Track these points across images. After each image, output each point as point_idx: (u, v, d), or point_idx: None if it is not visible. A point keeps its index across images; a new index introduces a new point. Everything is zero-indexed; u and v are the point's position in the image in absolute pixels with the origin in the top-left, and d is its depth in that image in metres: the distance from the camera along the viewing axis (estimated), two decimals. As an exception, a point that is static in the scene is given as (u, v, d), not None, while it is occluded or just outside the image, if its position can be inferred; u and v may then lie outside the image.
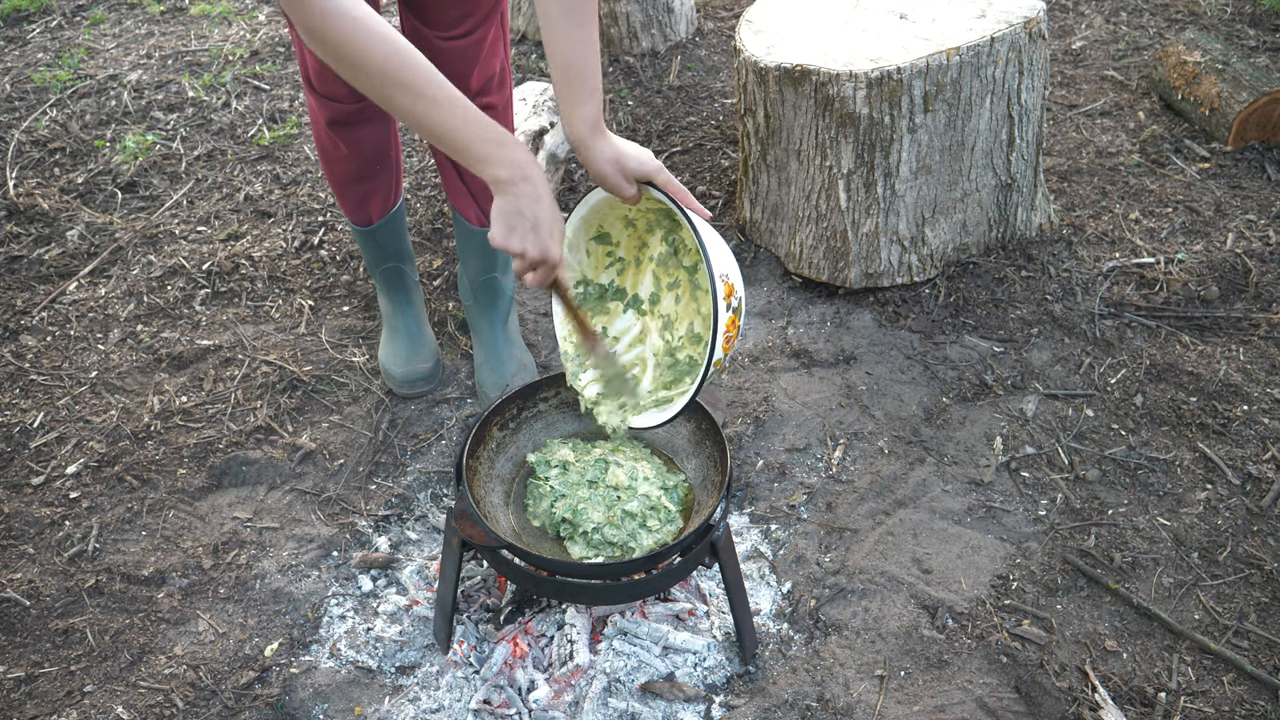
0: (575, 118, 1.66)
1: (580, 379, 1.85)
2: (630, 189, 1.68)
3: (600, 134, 1.66)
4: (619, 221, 1.85)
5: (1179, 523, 2.12)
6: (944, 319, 2.63)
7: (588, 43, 1.64)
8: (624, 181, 1.67)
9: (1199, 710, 1.80)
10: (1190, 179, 3.08)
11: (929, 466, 2.26)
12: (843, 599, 1.99)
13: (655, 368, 1.85)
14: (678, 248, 1.83)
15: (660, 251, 1.85)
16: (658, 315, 1.86)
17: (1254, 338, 2.55)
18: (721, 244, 1.67)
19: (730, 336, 1.63)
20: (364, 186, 2.33)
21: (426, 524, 2.19)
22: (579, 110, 1.65)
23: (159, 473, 2.27)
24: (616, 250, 1.88)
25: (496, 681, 1.82)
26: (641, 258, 1.87)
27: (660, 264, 1.85)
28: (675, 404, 1.74)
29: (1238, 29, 3.80)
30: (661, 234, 1.83)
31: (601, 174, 1.68)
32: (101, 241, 2.99)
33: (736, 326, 1.64)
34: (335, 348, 2.59)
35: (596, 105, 1.66)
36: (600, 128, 1.66)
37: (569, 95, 1.66)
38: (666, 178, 1.66)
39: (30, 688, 1.87)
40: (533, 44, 3.98)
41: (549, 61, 1.68)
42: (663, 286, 1.86)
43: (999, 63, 2.49)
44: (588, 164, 1.68)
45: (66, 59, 3.94)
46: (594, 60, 1.65)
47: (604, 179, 1.68)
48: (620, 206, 1.81)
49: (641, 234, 1.86)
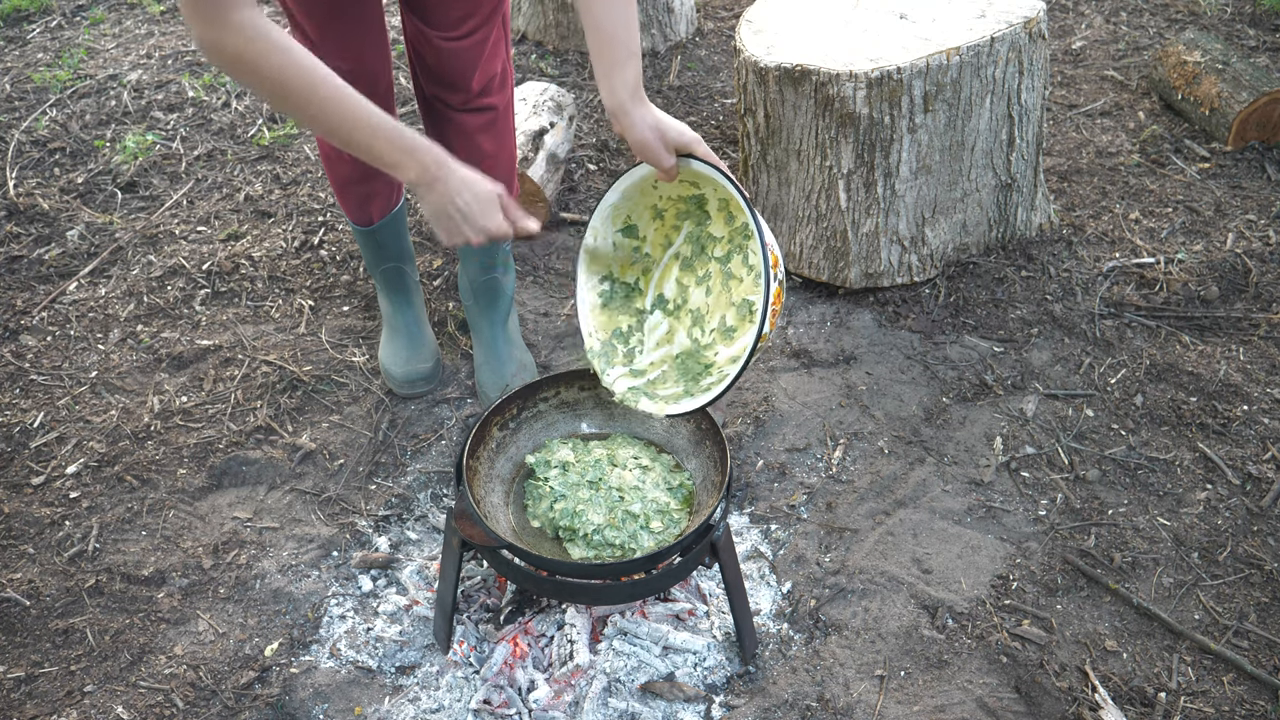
0: (614, 83, 1.61)
1: (608, 375, 1.82)
2: (670, 159, 1.65)
3: (640, 100, 1.62)
4: (647, 212, 1.82)
5: (1179, 523, 2.12)
6: (944, 319, 2.63)
7: (625, 5, 1.61)
8: (664, 151, 1.64)
9: (1199, 710, 1.80)
10: (1190, 179, 3.08)
11: (929, 466, 2.26)
12: (843, 599, 1.99)
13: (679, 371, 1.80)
14: (705, 244, 1.79)
15: (686, 253, 1.82)
16: (686, 313, 1.83)
17: (1254, 338, 2.55)
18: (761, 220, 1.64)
19: (776, 310, 1.59)
20: (366, 187, 2.33)
21: (426, 524, 2.19)
22: (617, 75, 1.61)
23: (159, 473, 2.28)
24: (643, 246, 1.85)
25: (496, 681, 1.82)
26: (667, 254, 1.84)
27: (685, 267, 1.82)
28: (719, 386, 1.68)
29: (1238, 29, 3.80)
30: (689, 228, 1.80)
31: (642, 141, 1.63)
32: (101, 241, 2.99)
33: (781, 301, 1.60)
34: (335, 348, 2.59)
35: (636, 70, 1.62)
36: (640, 94, 1.62)
37: (607, 60, 1.62)
38: (706, 150, 1.63)
39: (30, 688, 1.87)
40: (533, 44, 3.98)
41: (585, 29, 1.64)
42: (691, 281, 1.83)
43: (999, 63, 2.49)
44: (627, 131, 1.63)
45: (66, 59, 3.94)
46: (632, 24, 1.61)
47: (644, 147, 1.64)
48: (650, 195, 1.78)
49: (669, 228, 1.82)
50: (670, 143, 1.64)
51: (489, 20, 2.10)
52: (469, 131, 2.23)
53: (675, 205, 1.80)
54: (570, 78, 3.75)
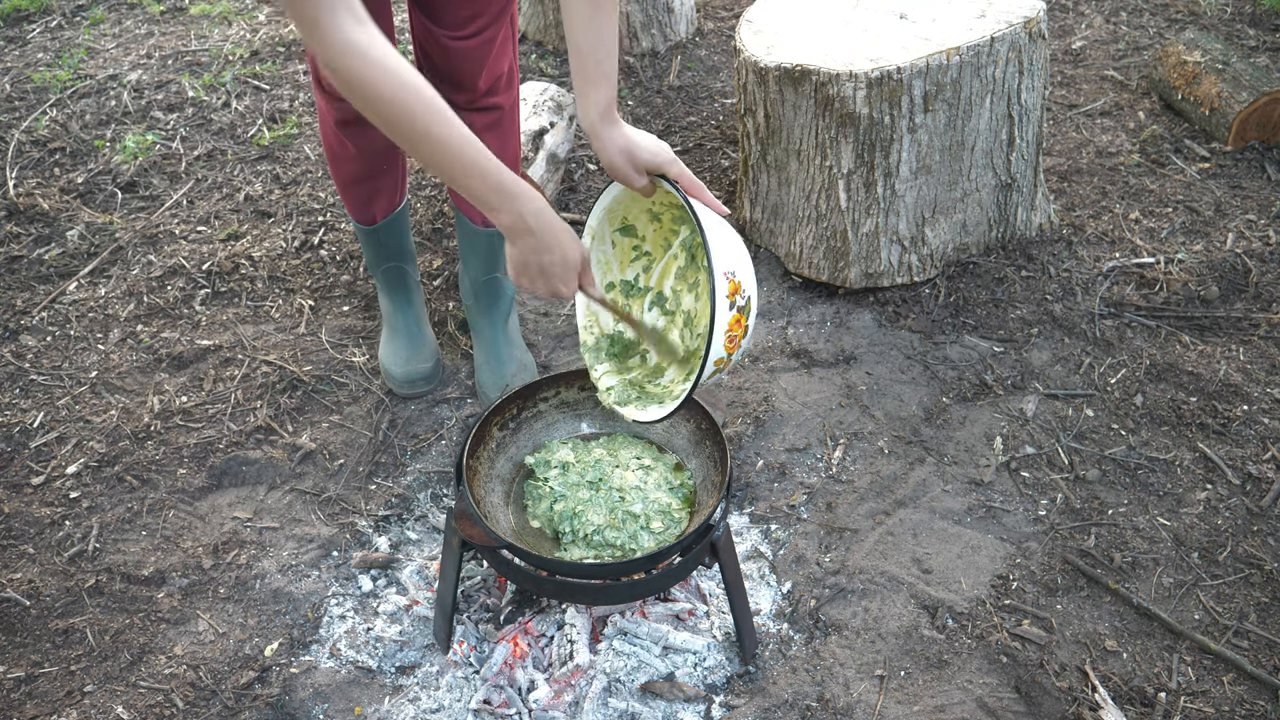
0: (586, 103, 1.64)
1: (596, 370, 1.83)
2: (641, 180, 1.66)
3: (611, 122, 1.64)
4: (643, 214, 1.82)
5: (1179, 523, 2.12)
6: (944, 319, 2.63)
7: (604, 29, 1.62)
8: (634, 172, 1.65)
9: (1199, 710, 1.80)
10: (1190, 179, 3.08)
11: (929, 466, 2.26)
12: (843, 599, 1.99)
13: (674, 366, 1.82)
14: (695, 253, 1.80)
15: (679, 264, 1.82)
16: (680, 312, 1.84)
17: (1254, 338, 2.55)
18: (733, 239, 1.61)
19: (735, 335, 1.59)
20: (369, 186, 2.33)
21: (426, 524, 2.19)
22: (590, 95, 1.64)
23: (159, 473, 2.28)
24: (643, 245, 1.85)
25: (496, 681, 1.82)
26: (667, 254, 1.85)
27: (679, 277, 1.82)
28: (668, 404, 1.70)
29: (1238, 29, 3.80)
30: (685, 234, 1.80)
31: (611, 163, 1.66)
32: (101, 241, 2.99)
33: (743, 326, 1.60)
34: (335, 348, 2.59)
35: (609, 92, 1.64)
36: (611, 115, 1.64)
37: (581, 80, 1.64)
38: (680, 170, 1.63)
39: (30, 688, 1.87)
40: (533, 44, 3.98)
41: (567, 46, 1.66)
42: (684, 286, 1.83)
43: (999, 63, 2.49)
44: (599, 153, 1.65)
45: (66, 59, 3.94)
46: (609, 46, 1.63)
47: (614, 169, 1.66)
48: (642, 199, 1.78)
49: (667, 229, 1.82)
50: (641, 164, 1.64)
51: (497, 20, 2.10)
52: (474, 130, 2.23)
53: (670, 210, 1.80)
54: (570, 78, 3.75)
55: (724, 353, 1.59)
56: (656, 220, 1.82)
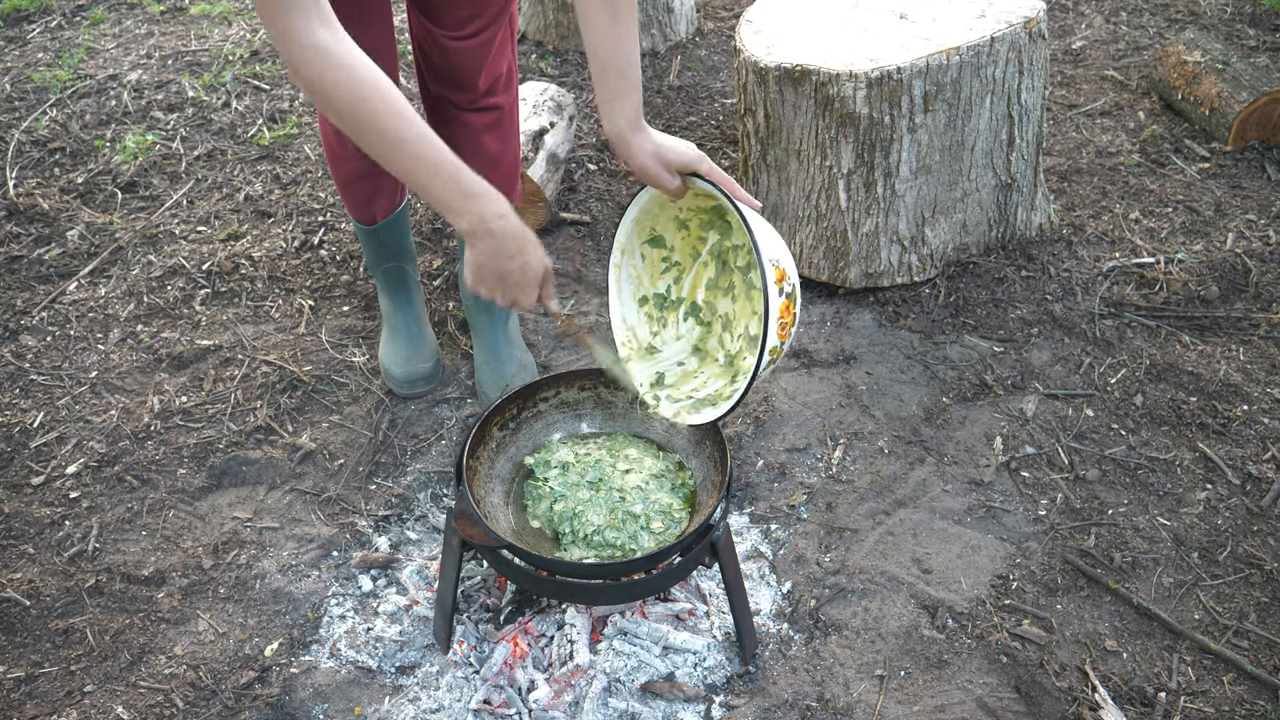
0: (613, 113, 1.64)
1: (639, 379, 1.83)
2: (673, 181, 1.66)
3: (639, 129, 1.64)
4: (671, 223, 1.83)
5: (1179, 523, 2.12)
6: (944, 319, 2.63)
7: (624, 37, 1.62)
8: (666, 174, 1.65)
9: (1199, 710, 1.80)
10: (1190, 179, 3.08)
11: (929, 466, 2.26)
12: (843, 599, 1.99)
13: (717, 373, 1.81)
14: (726, 258, 1.80)
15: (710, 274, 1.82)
16: (718, 318, 1.83)
17: (1254, 338, 2.55)
18: (771, 231, 1.63)
19: (785, 323, 1.59)
20: (369, 185, 2.33)
21: (426, 524, 2.19)
22: (616, 105, 1.64)
23: (159, 473, 2.28)
24: (672, 255, 1.85)
25: (496, 681, 1.82)
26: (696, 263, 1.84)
27: (709, 286, 1.83)
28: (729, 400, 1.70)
29: (1238, 29, 3.80)
30: (714, 239, 1.80)
31: (643, 168, 1.65)
32: (101, 241, 2.99)
33: (792, 313, 1.61)
34: (335, 348, 2.59)
35: (635, 101, 1.64)
36: (639, 122, 1.64)
37: (606, 90, 1.64)
38: (710, 166, 1.64)
39: (30, 688, 1.87)
40: (533, 44, 3.98)
41: (586, 53, 1.66)
42: (717, 295, 1.83)
43: (999, 63, 2.49)
44: (628, 160, 1.65)
45: (66, 59, 3.94)
46: (631, 55, 1.63)
47: (645, 173, 1.66)
48: (670, 207, 1.78)
49: (695, 237, 1.83)
50: (671, 165, 1.65)
51: (496, 20, 2.10)
52: (475, 131, 2.24)
53: (697, 215, 1.81)
54: (570, 78, 3.75)
55: (778, 341, 1.59)
56: (684, 228, 1.82)
